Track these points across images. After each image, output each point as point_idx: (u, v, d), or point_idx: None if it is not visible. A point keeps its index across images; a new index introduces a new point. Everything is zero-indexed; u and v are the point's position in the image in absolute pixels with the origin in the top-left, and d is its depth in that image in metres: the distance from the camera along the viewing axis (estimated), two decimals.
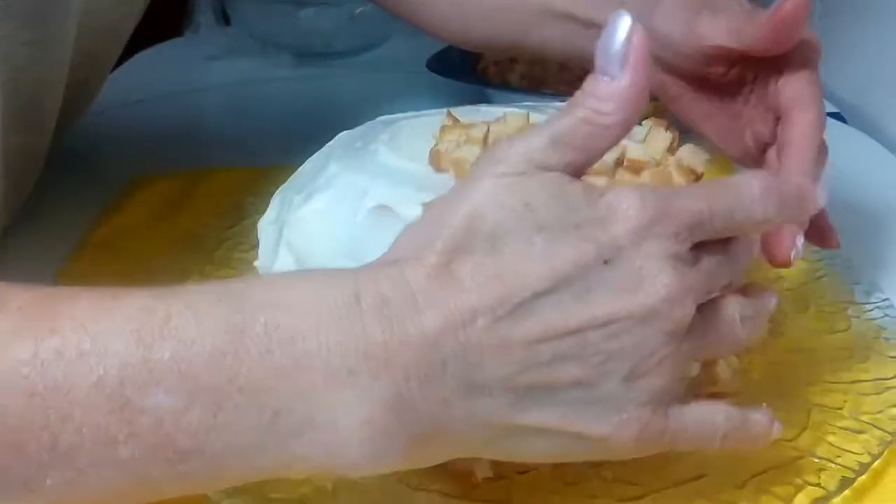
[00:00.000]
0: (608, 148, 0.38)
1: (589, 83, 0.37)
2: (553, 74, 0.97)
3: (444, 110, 0.56)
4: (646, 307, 0.35)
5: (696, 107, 0.60)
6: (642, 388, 0.36)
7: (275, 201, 0.55)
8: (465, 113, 0.56)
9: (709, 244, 0.38)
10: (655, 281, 0.35)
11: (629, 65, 0.36)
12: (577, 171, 0.37)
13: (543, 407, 0.35)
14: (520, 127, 0.53)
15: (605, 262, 0.35)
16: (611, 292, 0.35)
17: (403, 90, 0.94)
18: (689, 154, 0.51)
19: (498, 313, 0.34)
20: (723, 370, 0.51)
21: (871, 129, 0.93)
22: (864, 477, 0.46)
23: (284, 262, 0.51)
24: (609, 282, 0.35)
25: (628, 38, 0.36)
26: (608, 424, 0.36)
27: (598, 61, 0.36)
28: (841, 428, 0.48)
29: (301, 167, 0.57)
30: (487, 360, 0.34)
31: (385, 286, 0.34)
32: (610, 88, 0.36)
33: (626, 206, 0.35)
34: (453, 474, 0.45)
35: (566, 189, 0.36)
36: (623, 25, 0.36)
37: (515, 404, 0.35)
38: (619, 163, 0.50)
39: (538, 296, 0.34)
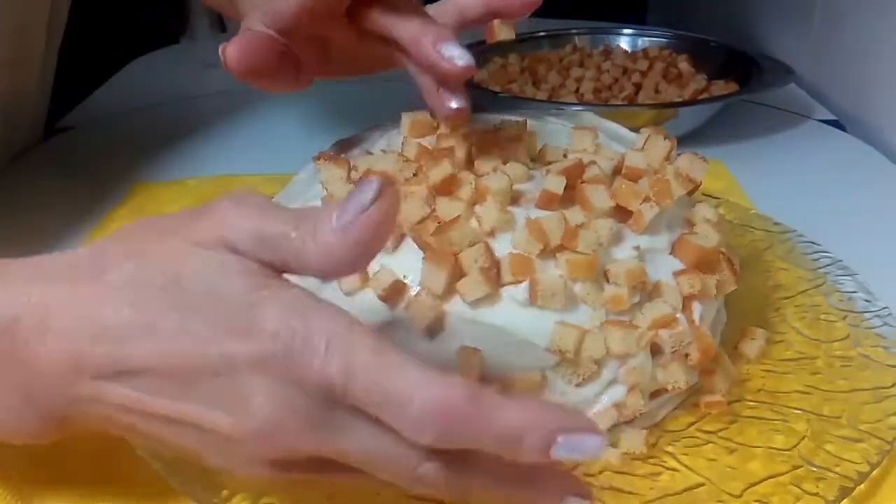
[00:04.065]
0: (299, 272, 0.37)
1: (322, 219, 0.36)
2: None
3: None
4: (229, 433, 0.35)
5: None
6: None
7: None
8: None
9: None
10: (246, 413, 0.34)
11: (351, 235, 0.36)
12: (268, 270, 0.36)
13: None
14: (517, 135, 0.53)
15: (215, 374, 0.35)
16: (204, 402, 0.35)
17: (401, 95, 0.95)
18: (688, 162, 0.51)
19: (102, 371, 0.36)
20: (720, 379, 0.51)
21: (869, 137, 0.93)
22: (862, 486, 0.45)
23: None
24: (209, 392, 0.35)
25: (362, 209, 0.35)
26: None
27: (341, 208, 0.36)
28: (839, 437, 0.48)
29: (297, 174, 0.57)
30: (84, 404, 0.37)
31: (32, 301, 0.37)
32: (327, 240, 0.36)
33: (263, 330, 0.34)
34: None
35: (228, 281, 0.35)
36: (372, 194, 0.36)
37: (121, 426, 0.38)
38: (617, 170, 0.50)
39: (140, 372, 0.35)
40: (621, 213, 0.49)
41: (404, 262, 0.46)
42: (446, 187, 0.47)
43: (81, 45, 0.96)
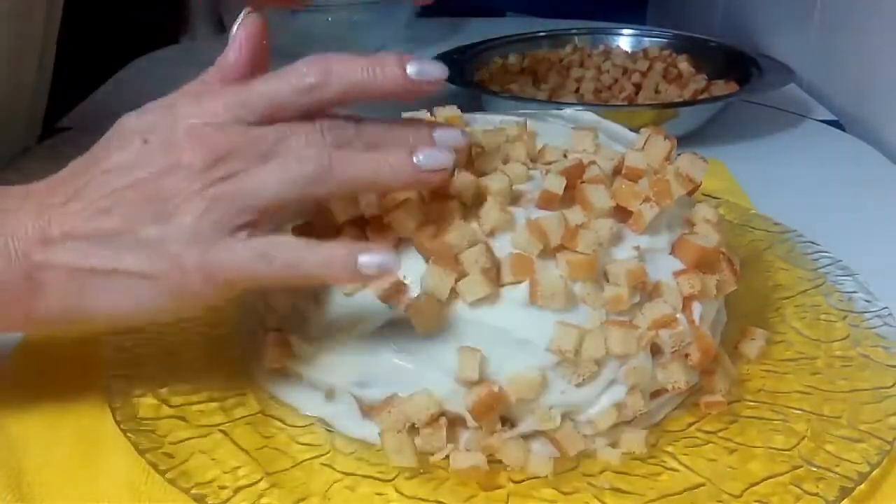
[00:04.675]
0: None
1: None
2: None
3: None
4: (158, 165, 0.43)
5: None
6: (178, 227, 0.42)
7: None
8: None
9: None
10: (166, 139, 0.43)
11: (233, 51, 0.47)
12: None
13: (102, 252, 0.43)
14: (517, 135, 0.53)
15: (145, 142, 0.44)
16: (138, 161, 0.43)
17: None
18: (687, 163, 0.51)
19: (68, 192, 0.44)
20: (720, 379, 0.51)
21: (869, 137, 0.93)
22: (862, 486, 0.45)
23: None
24: (142, 154, 0.43)
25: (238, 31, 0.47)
26: (152, 263, 0.43)
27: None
28: (840, 437, 0.48)
29: None
30: (54, 220, 0.43)
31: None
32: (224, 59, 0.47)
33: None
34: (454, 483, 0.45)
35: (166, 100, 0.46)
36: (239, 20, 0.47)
37: (82, 251, 0.43)
38: (617, 170, 0.50)
39: (98, 174, 0.44)
40: (621, 213, 0.49)
41: (404, 263, 0.46)
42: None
43: (81, 44, 0.96)
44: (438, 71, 0.45)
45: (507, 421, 0.47)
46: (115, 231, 0.43)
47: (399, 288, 0.46)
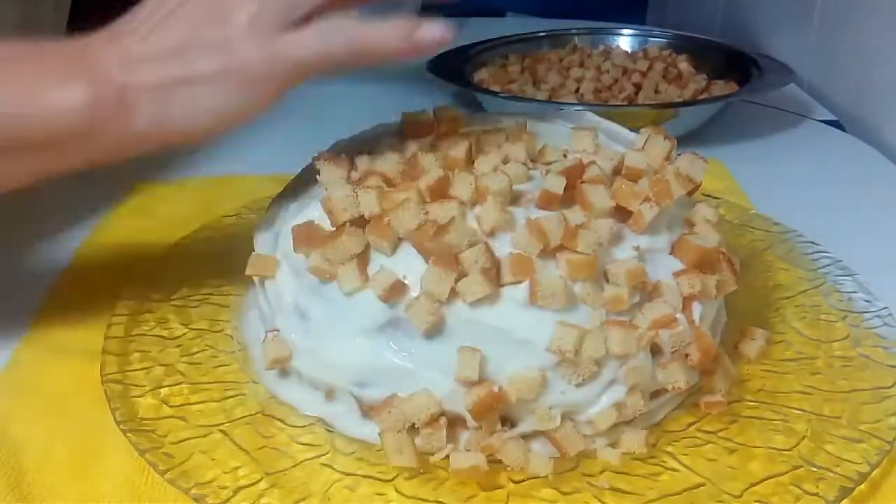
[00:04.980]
0: None
1: None
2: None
3: None
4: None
5: None
6: (236, 26, 0.46)
7: (271, 209, 0.55)
8: None
9: None
10: None
11: None
12: None
13: (176, 63, 0.47)
14: (517, 135, 0.53)
15: None
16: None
17: (402, 96, 0.95)
18: (687, 163, 0.51)
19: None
20: (720, 379, 0.51)
21: (869, 137, 0.93)
22: (862, 486, 0.45)
23: (280, 271, 0.51)
24: None
25: None
26: (220, 62, 0.47)
27: None
28: (840, 437, 0.48)
29: (298, 175, 0.57)
30: (132, 46, 0.48)
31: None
32: None
33: None
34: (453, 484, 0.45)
35: None
36: None
37: (159, 67, 0.47)
38: (617, 170, 0.50)
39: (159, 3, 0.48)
40: (621, 213, 0.49)
41: (404, 263, 0.46)
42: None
43: None
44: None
45: (507, 421, 0.47)
46: (183, 42, 0.47)
47: (399, 288, 0.46)
